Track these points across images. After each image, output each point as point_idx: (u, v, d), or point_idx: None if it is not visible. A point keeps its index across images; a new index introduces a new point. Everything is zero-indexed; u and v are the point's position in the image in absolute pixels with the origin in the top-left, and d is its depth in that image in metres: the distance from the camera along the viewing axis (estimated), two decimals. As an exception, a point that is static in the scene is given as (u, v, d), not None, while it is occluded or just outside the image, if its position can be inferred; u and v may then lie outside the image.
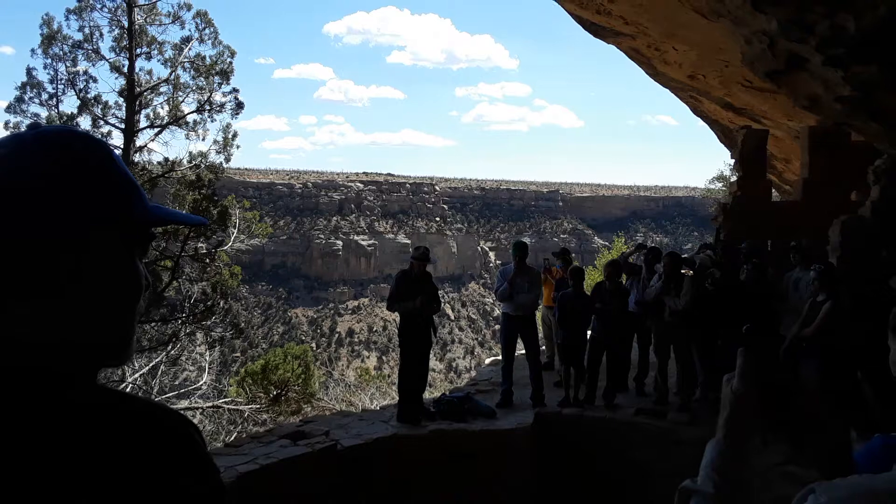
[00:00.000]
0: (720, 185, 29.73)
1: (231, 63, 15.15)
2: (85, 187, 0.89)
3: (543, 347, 10.29)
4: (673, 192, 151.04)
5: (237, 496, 5.74)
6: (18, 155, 0.88)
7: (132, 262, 0.95)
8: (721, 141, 17.04)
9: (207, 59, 14.97)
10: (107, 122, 14.25)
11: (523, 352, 8.84)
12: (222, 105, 15.04)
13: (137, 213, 0.94)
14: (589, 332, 8.60)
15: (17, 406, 0.81)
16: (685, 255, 9.27)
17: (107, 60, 14.45)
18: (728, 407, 1.35)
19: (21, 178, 0.86)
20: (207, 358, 15.58)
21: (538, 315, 10.23)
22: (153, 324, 13.78)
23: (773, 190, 15.62)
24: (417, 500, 7.05)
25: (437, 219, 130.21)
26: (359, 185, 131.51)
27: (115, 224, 0.91)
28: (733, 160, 14.69)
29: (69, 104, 14.17)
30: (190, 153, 15.06)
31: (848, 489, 0.92)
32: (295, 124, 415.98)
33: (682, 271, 8.41)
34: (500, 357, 9.41)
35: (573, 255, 10.58)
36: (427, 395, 8.86)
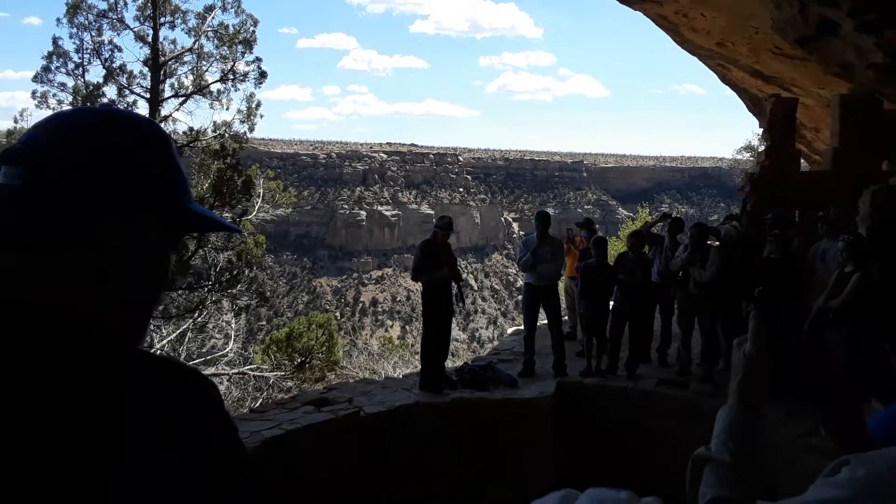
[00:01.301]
0: (748, 155, 29.24)
1: (254, 32, 15.12)
2: (112, 169, 0.90)
3: (566, 318, 10.28)
4: (699, 162, 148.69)
5: (262, 460, 5.85)
6: (58, 132, 0.91)
7: (161, 250, 0.98)
8: (749, 110, 16.71)
9: (231, 28, 14.96)
10: (132, 92, 14.36)
11: (546, 322, 8.84)
12: (245, 74, 15.05)
13: (170, 203, 0.96)
14: (611, 303, 8.58)
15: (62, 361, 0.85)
16: (711, 226, 9.15)
17: (131, 30, 14.51)
18: (741, 371, 1.31)
19: (56, 155, 0.89)
20: (233, 326, 15.79)
21: (561, 285, 10.21)
22: (180, 291, 13.97)
23: (802, 160, 15.32)
24: (438, 467, 7.13)
25: (461, 189, 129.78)
26: (382, 155, 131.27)
27: (143, 209, 0.93)
28: (762, 129, 14.43)
29: (95, 73, 14.29)
30: (214, 123, 15.17)
31: (886, 462, 0.89)
32: (318, 94, 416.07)
33: (709, 242, 8.32)
34: (522, 327, 9.42)
35: (597, 226, 10.50)
36: (449, 363, 8.91)
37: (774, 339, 1.39)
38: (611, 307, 8.55)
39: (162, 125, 14.10)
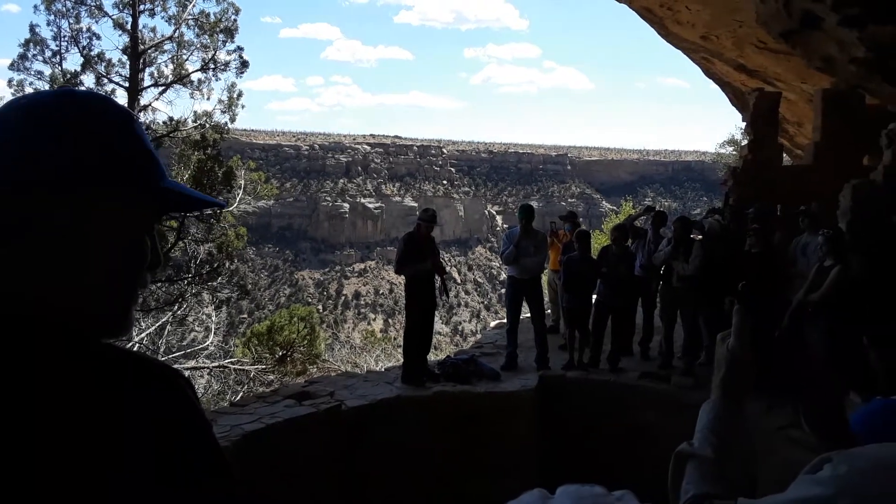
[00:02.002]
0: (731, 149, 29.43)
1: (235, 20, 14.93)
2: (85, 152, 0.88)
3: (549, 311, 10.29)
4: (682, 156, 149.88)
5: (243, 454, 5.80)
6: (19, 114, 0.89)
7: (134, 231, 0.94)
8: (733, 104, 16.78)
9: (212, 16, 14.76)
10: (110, 81, 14.12)
11: (528, 315, 8.84)
12: (227, 64, 14.86)
13: (143, 181, 0.94)
14: (594, 296, 8.59)
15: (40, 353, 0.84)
16: (695, 220, 9.18)
17: (110, 17, 14.25)
18: (724, 366, 1.30)
19: (16, 137, 0.86)
20: (214, 319, 15.67)
21: (544, 278, 10.21)
22: (159, 284, 13.83)
23: (785, 154, 15.42)
24: (421, 461, 7.11)
25: (445, 182, 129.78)
26: (366, 147, 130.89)
27: (111, 190, 0.90)
28: (745, 123, 14.48)
29: (73, 62, 14.05)
30: (195, 112, 14.94)
31: (869, 460, 0.87)
32: (302, 85, 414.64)
33: (692, 236, 8.34)
34: (505, 320, 9.42)
35: (580, 219, 10.51)
36: (432, 357, 8.89)
37: (756, 333, 1.37)
38: (594, 300, 8.56)
39: (141, 115, 14.03)
